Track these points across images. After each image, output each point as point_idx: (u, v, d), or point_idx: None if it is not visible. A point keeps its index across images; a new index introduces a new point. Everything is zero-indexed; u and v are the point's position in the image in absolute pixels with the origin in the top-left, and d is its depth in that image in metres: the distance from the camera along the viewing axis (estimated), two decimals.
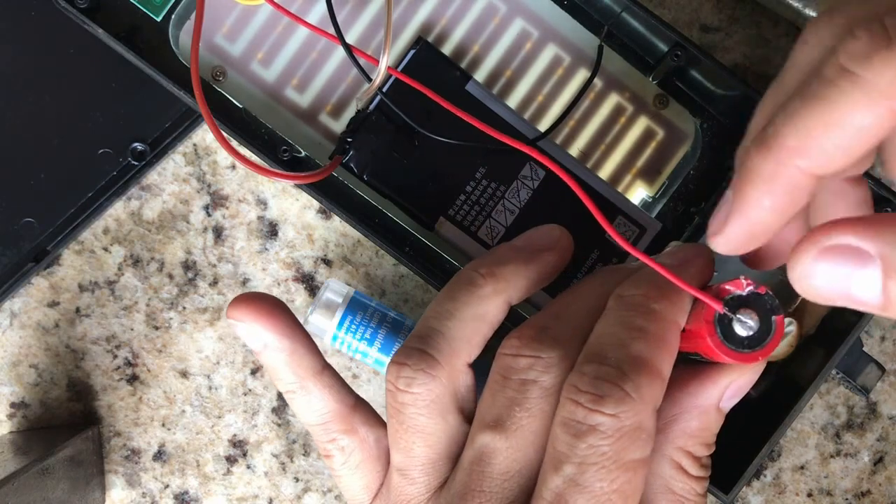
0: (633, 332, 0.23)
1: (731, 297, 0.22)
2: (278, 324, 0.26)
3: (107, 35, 0.33)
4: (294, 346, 0.26)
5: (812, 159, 0.20)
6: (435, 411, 0.25)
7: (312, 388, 0.27)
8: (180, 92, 0.33)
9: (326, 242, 0.39)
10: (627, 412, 0.22)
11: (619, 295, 0.24)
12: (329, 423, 0.27)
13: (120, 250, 0.39)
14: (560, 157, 0.34)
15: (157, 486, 0.39)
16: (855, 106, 0.19)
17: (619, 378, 0.22)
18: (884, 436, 0.40)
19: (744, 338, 0.22)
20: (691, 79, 0.35)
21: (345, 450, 0.27)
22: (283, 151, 0.34)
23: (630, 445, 0.22)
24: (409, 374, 0.25)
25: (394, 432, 0.26)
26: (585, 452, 0.22)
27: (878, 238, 0.19)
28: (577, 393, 0.22)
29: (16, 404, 0.39)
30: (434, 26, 0.34)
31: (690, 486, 0.24)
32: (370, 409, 0.28)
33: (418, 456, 0.25)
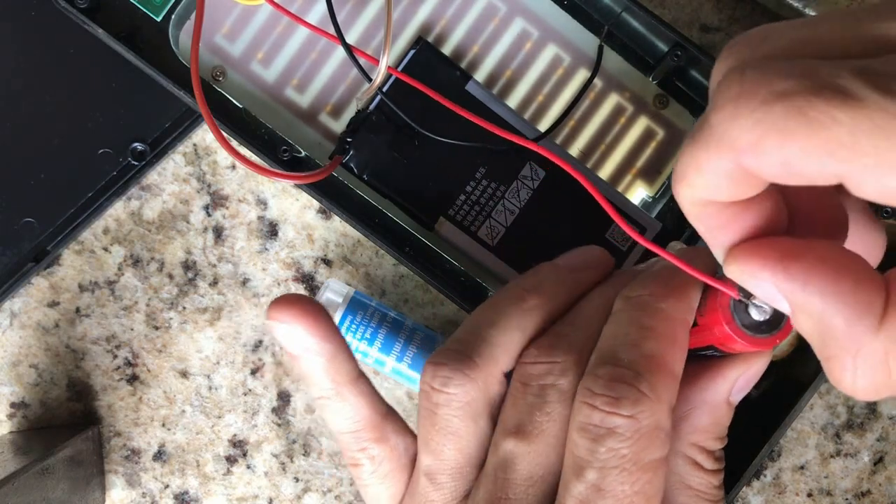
0: (644, 331, 0.23)
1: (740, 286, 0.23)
2: (320, 328, 0.26)
3: (107, 35, 0.33)
4: (334, 351, 0.26)
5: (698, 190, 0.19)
6: (469, 414, 0.25)
7: (348, 395, 0.26)
8: (180, 92, 0.33)
9: (326, 242, 0.39)
10: (644, 412, 0.22)
11: (627, 296, 0.24)
12: (361, 430, 0.27)
13: (120, 250, 0.39)
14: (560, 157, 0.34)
15: (157, 486, 0.39)
16: (709, 154, 0.18)
17: (633, 378, 0.22)
18: (884, 436, 0.40)
19: (760, 322, 0.22)
20: (691, 79, 0.35)
21: (375, 459, 0.27)
22: (283, 151, 0.34)
23: (649, 446, 0.22)
24: (446, 374, 0.25)
25: (425, 433, 0.25)
26: (605, 456, 0.22)
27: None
28: (592, 396, 0.22)
29: (16, 404, 0.39)
30: (434, 26, 0.34)
31: (707, 480, 0.25)
32: (400, 417, 0.28)
33: (448, 459, 0.25)
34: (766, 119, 0.16)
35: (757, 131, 0.17)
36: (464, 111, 0.30)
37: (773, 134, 0.16)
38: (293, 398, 0.39)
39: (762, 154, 0.17)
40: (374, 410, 0.27)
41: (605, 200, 0.26)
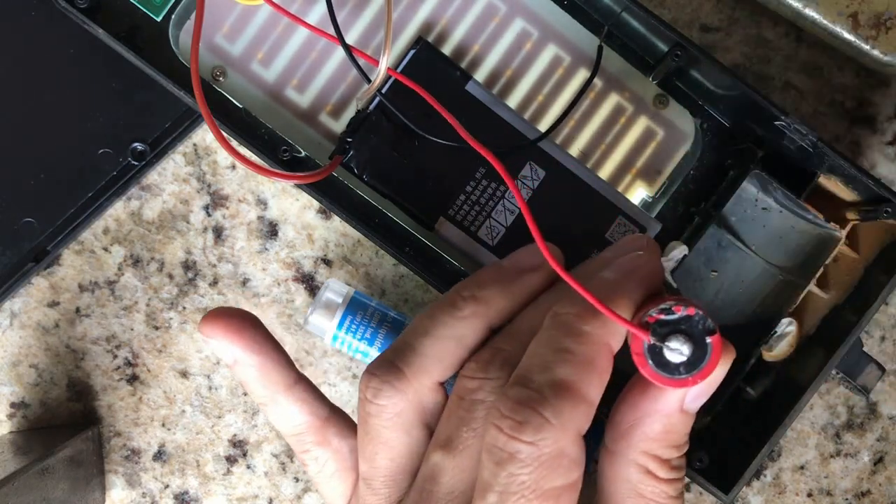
0: (560, 353, 0.22)
1: (659, 323, 0.22)
2: (247, 339, 0.27)
3: (107, 35, 0.33)
4: (263, 360, 0.27)
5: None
6: (398, 425, 0.25)
7: (283, 402, 0.27)
8: (180, 92, 0.33)
9: (326, 242, 0.39)
10: (547, 440, 0.21)
11: (555, 312, 0.24)
12: (302, 434, 0.28)
13: (120, 250, 0.39)
14: (560, 157, 0.34)
15: (157, 486, 0.39)
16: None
17: (540, 403, 0.22)
18: (884, 436, 0.40)
19: (677, 364, 0.22)
20: (691, 79, 0.35)
21: (318, 460, 0.28)
22: (283, 151, 0.34)
23: (550, 474, 0.22)
24: (376, 385, 0.25)
25: (360, 440, 0.26)
26: (506, 481, 0.22)
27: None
28: (500, 418, 0.22)
29: (16, 404, 0.39)
30: (434, 26, 0.34)
31: (660, 489, 0.24)
32: (346, 419, 0.28)
33: (380, 467, 0.25)
34: None
35: None
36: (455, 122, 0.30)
37: None
38: None
39: None
40: (313, 415, 0.27)
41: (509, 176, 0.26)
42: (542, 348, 0.23)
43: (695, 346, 0.22)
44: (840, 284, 0.34)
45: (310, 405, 0.28)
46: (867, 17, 0.35)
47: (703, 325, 0.22)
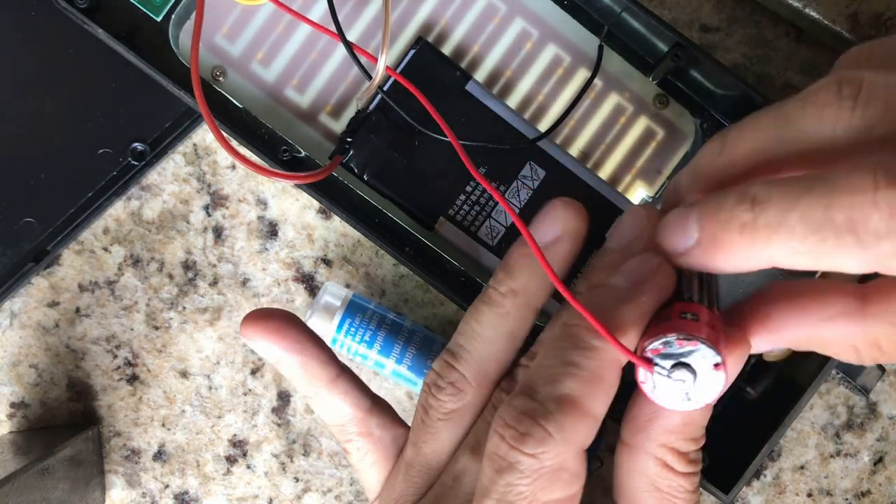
0: (567, 367, 0.22)
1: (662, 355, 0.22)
2: (288, 340, 0.28)
3: (107, 35, 0.33)
4: (304, 359, 0.28)
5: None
6: (453, 421, 0.26)
7: (327, 396, 0.28)
8: (180, 92, 0.33)
9: (326, 242, 0.39)
10: (548, 453, 0.22)
11: (564, 322, 0.24)
12: (346, 425, 0.28)
13: (120, 250, 0.39)
14: (560, 157, 0.34)
15: (157, 486, 0.39)
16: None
17: (543, 417, 0.22)
18: (884, 436, 0.40)
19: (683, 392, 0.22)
20: (691, 79, 0.35)
21: (360, 450, 0.28)
22: (283, 151, 0.34)
23: (549, 486, 0.22)
24: (440, 384, 0.26)
25: (415, 427, 0.27)
26: (504, 489, 0.22)
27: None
28: (503, 426, 0.22)
29: (16, 404, 0.39)
30: (434, 26, 0.34)
31: (678, 483, 0.24)
32: (388, 410, 0.29)
33: (424, 455, 0.26)
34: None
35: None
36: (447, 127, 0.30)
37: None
38: (293, 398, 0.39)
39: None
40: (356, 407, 0.28)
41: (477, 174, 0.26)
42: (550, 360, 0.23)
43: (700, 377, 0.22)
44: None
45: (353, 397, 0.28)
46: (867, 17, 0.35)
47: (708, 357, 0.21)
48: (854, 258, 0.20)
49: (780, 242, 0.20)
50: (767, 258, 0.21)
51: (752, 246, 0.21)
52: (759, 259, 0.21)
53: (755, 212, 0.20)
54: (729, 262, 0.21)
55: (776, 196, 0.20)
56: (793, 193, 0.20)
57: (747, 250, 0.21)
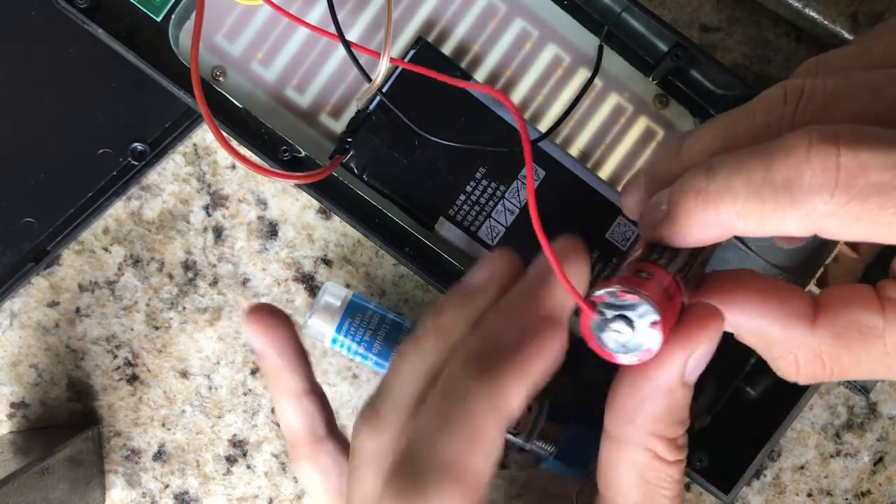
0: (444, 426, 0.22)
1: (605, 304, 0.22)
2: (272, 337, 0.28)
3: (107, 35, 0.33)
4: (280, 361, 0.28)
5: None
6: (372, 464, 0.25)
7: (286, 407, 0.28)
8: (180, 92, 0.33)
9: (326, 242, 0.39)
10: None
11: (448, 371, 0.23)
12: (296, 443, 0.28)
13: (120, 250, 0.39)
14: (560, 157, 0.34)
15: (157, 486, 0.39)
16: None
17: (420, 495, 0.21)
18: (884, 436, 0.40)
19: (622, 344, 0.22)
20: (691, 79, 0.35)
21: (304, 473, 0.28)
22: (283, 151, 0.34)
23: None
24: (358, 426, 0.25)
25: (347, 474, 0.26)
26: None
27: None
28: (386, 500, 0.22)
29: (16, 404, 0.39)
30: (434, 26, 0.34)
31: (665, 473, 0.24)
32: (344, 444, 0.29)
33: (351, 501, 0.25)
34: None
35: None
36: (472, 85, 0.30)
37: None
38: None
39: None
40: (311, 430, 0.28)
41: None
42: (427, 418, 0.22)
43: (637, 332, 0.22)
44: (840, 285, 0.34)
45: (310, 419, 0.28)
46: (867, 18, 0.35)
47: (647, 314, 0.22)
48: (792, 219, 0.21)
49: (727, 206, 0.21)
50: (720, 224, 0.22)
51: (705, 211, 0.22)
52: (714, 226, 0.22)
53: (708, 178, 0.22)
54: (690, 230, 0.22)
55: (727, 163, 0.22)
56: (740, 159, 0.21)
57: (701, 215, 0.22)
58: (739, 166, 0.21)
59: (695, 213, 0.22)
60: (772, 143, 0.21)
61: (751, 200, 0.21)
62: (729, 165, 0.21)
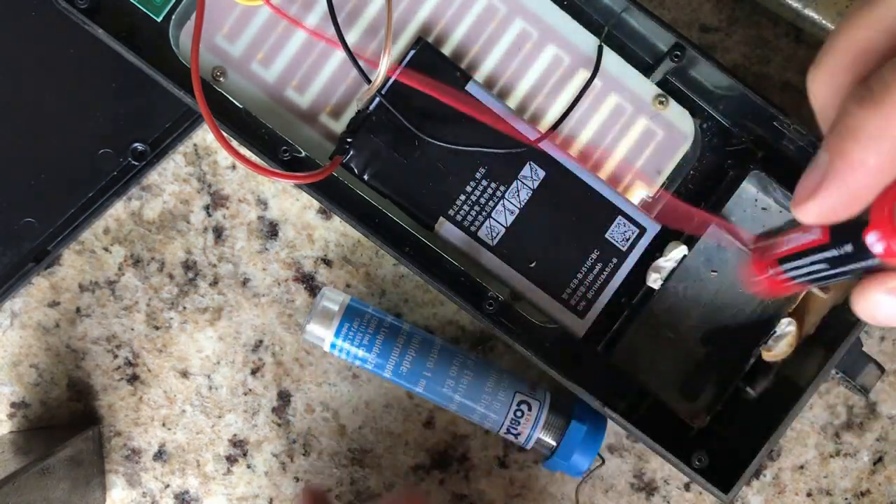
0: None
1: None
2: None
3: (107, 35, 0.33)
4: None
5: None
6: None
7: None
8: (180, 92, 0.33)
9: (326, 242, 0.39)
10: None
11: None
12: None
13: (120, 250, 0.39)
14: (560, 157, 0.34)
15: (158, 486, 0.39)
16: None
17: None
18: (883, 436, 0.40)
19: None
20: (691, 79, 0.35)
21: None
22: (283, 152, 0.34)
23: None
24: None
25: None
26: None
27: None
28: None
29: (16, 404, 0.39)
30: (434, 27, 0.34)
31: None
32: None
33: None
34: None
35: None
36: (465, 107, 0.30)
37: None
38: (293, 398, 0.39)
39: None
40: None
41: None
42: None
43: None
44: (839, 285, 0.34)
45: None
46: None
47: None
48: None
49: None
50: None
51: (878, 107, 0.18)
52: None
53: (868, 84, 0.19)
54: (868, 149, 0.19)
55: (886, 66, 0.19)
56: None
57: (877, 116, 0.19)
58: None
59: (865, 123, 0.19)
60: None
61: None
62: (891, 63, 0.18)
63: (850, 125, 0.19)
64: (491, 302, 0.34)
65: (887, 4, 0.20)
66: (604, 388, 0.33)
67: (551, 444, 0.35)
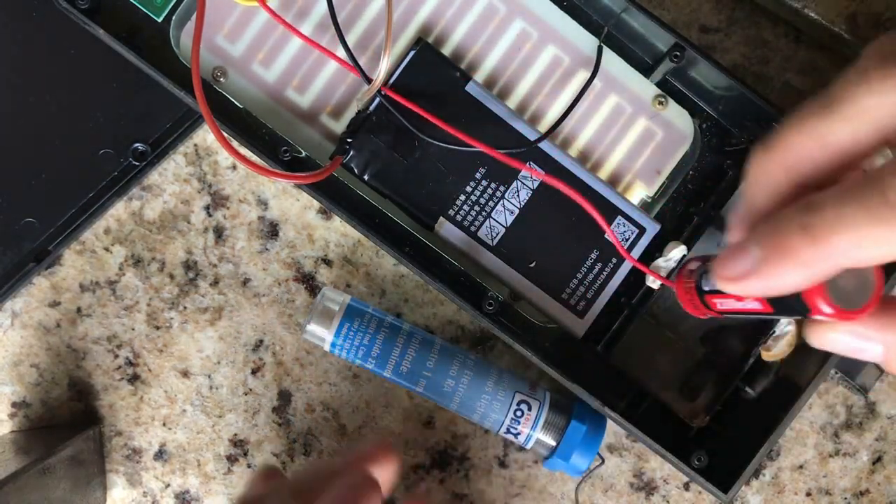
0: None
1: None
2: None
3: (108, 36, 0.33)
4: None
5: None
6: None
7: None
8: (181, 92, 0.33)
9: (327, 242, 0.39)
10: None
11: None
12: None
13: (121, 250, 0.39)
14: (560, 157, 0.34)
15: (158, 486, 0.39)
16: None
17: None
18: (882, 435, 0.40)
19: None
20: (691, 79, 0.35)
21: None
22: (283, 152, 0.34)
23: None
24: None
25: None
26: None
27: (884, 331, 0.22)
28: None
29: (17, 404, 0.39)
30: (434, 27, 0.34)
31: None
32: None
33: None
34: None
35: None
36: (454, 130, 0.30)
37: None
38: (294, 398, 0.39)
39: None
40: None
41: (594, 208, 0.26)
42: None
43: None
44: None
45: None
46: (866, 18, 0.35)
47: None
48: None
49: (845, 234, 0.20)
50: (836, 257, 0.20)
51: (816, 245, 0.20)
52: (827, 261, 0.20)
53: (813, 212, 0.20)
54: (797, 271, 0.21)
55: (829, 196, 0.20)
56: (845, 189, 0.20)
57: (813, 251, 0.20)
58: (848, 195, 0.20)
59: (804, 250, 0.20)
60: (878, 173, 0.20)
61: (872, 225, 0.19)
62: (835, 197, 0.20)
63: (786, 245, 0.21)
64: (491, 302, 0.34)
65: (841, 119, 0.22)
66: (603, 387, 0.33)
67: (551, 444, 0.35)
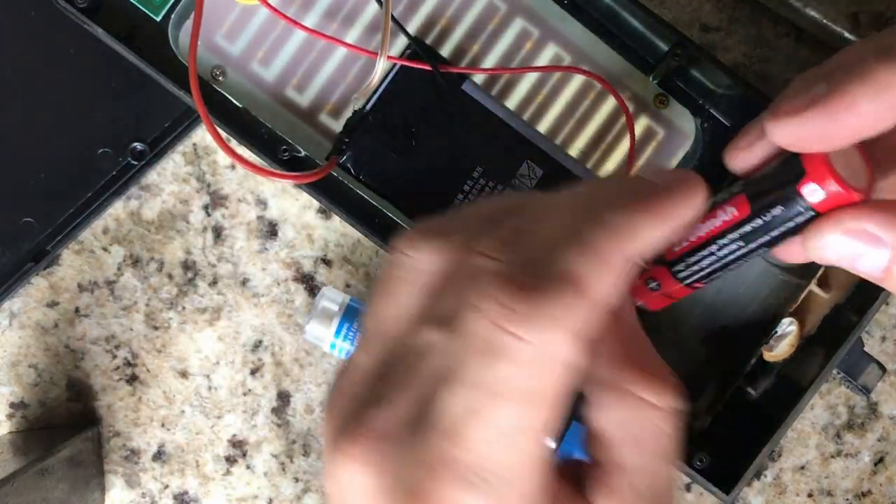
0: (570, 242, 0.19)
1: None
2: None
3: (107, 35, 0.33)
4: None
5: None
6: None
7: None
8: (180, 92, 0.33)
9: (326, 242, 0.39)
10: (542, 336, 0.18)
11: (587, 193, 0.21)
12: None
13: (119, 250, 0.39)
14: (559, 156, 0.34)
15: (157, 487, 0.39)
16: None
17: (542, 299, 0.18)
18: (884, 436, 0.39)
19: None
20: (691, 78, 0.35)
21: None
22: (282, 151, 0.34)
23: (540, 376, 0.19)
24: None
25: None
26: (486, 377, 0.19)
27: (893, 230, 0.20)
28: (491, 302, 0.18)
29: (15, 404, 0.39)
30: (434, 26, 0.34)
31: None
32: None
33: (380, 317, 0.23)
34: None
35: None
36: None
37: None
38: (293, 398, 0.39)
39: None
40: None
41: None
42: (549, 229, 0.20)
43: None
44: (841, 284, 0.34)
45: None
46: (867, 17, 0.35)
47: None
48: None
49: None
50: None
51: (885, 89, 0.20)
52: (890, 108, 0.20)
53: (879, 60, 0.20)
54: (873, 99, 0.20)
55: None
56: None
57: (878, 94, 0.20)
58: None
59: (878, 72, 0.20)
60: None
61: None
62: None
63: (861, 71, 0.20)
64: None
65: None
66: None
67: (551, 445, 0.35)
